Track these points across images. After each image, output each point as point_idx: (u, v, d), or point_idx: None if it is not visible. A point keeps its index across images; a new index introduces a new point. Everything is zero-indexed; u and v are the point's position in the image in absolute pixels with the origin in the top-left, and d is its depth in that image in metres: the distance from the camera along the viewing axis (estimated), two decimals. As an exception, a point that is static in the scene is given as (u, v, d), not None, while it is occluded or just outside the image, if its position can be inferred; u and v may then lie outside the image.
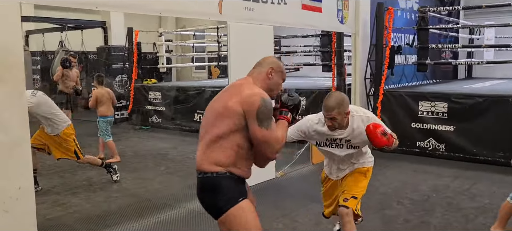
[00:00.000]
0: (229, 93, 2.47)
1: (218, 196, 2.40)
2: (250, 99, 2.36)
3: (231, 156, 2.39)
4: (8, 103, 3.27)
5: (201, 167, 2.45)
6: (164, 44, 11.07)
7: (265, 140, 2.37)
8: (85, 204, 5.04)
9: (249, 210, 2.41)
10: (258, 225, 2.42)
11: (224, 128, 2.38)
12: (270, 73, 2.54)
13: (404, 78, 9.03)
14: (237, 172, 2.42)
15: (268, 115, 2.38)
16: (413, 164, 6.56)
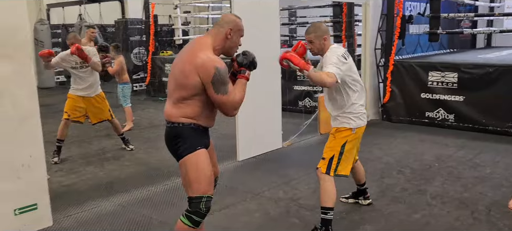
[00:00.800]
0: (189, 56, 2.68)
1: (180, 143, 2.72)
2: (205, 68, 2.59)
3: (196, 111, 2.71)
4: (17, 79, 3.48)
5: (169, 118, 2.76)
6: (179, 16, 11.18)
7: (223, 103, 2.67)
8: (99, 172, 5.31)
9: (203, 159, 2.72)
10: (207, 173, 2.72)
11: (186, 93, 2.67)
12: (229, 33, 2.74)
13: (419, 48, 8.95)
14: (202, 122, 2.75)
15: (223, 81, 2.62)
16: (420, 134, 6.60)
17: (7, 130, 3.45)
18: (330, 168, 3.40)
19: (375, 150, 5.93)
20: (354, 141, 3.50)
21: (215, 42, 2.73)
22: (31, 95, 3.59)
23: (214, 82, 2.60)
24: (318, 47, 3.38)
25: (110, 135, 7.13)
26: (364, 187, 4.04)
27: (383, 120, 7.61)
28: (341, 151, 3.41)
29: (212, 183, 2.79)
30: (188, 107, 2.71)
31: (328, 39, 3.38)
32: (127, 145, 6.23)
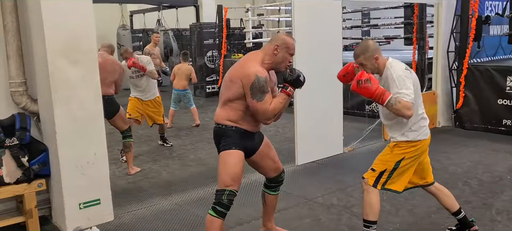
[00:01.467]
0: (238, 66, 3.03)
1: (221, 141, 3.06)
2: (247, 76, 2.90)
3: (238, 115, 3.01)
4: (84, 83, 3.78)
5: (217, 120, 3.10)
6: (250, 20, 11.38)
7: (255, 109, 2.93)
8: (162, 171, 5.58)
9: (234, 158, 3.00)
10: (233, 170, 2.99)
11: (231, 95, 2.99)
12: (276, 50, 2.98)
13: (500, 50, 8.33)
14: (244, 126, 3.03)
15: (260, 90, 2.88)
16: (494, 143, 6.16)
17: (74, 130, 3.76)
18: (378, 181, 3.21)
19: (443, 158, 5.63)
20: (413, 157, 3.19)
21: (265, 57, 3.01)
22: (96, 99, 3.87)
23: (252, 88, 2.89)
24: (371, 68, 3.09)
25: (178, 135, 7.47)
26: (462, 214, 3.47)
27: (455, 126, 7.19)
28: (395, 167, 3.18)
29: (237, 181, 3.03)
30: (232, 111, 3.02)
31: (380, 57, 3.10)
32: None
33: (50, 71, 3.58)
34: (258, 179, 5.08)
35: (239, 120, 3.02)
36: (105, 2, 11.30)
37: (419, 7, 7.35)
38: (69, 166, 3.76)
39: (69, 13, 3.64)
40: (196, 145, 6.80)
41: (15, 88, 3.91)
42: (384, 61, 3.12)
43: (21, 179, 3.83)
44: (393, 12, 11.56)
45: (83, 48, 3.74)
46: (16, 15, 3.82)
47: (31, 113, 4.01)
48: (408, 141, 3.15)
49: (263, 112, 2.92)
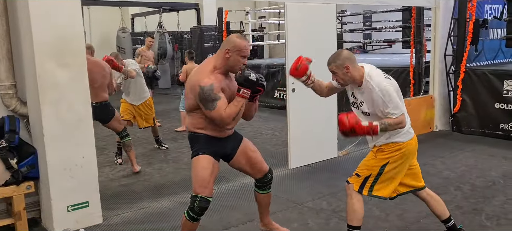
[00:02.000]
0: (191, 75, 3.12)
1: (192, 148, 3.16)
2: (193, 87, 2.97)
3: (201, 122, 3.06)
4: (73, 85, 3.79)
5: (187, 128, 3.21)
6: (250, 23, 11.39)
7: (211, 117, 2.96)
8: (155, 174, 5.58)
9: (201, 163, 3.06)
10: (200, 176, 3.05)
11: (190, 104, 3.05)
12: (227, 53, 2.99)
13: (501, 54, 8.28)
14: (209, 132, 3.07)
15: (207, 99, 2.90)
16: (491, 148, 6.11)
17: (62, 133, 3.77)
18: (363, 186, 3.16)
19: (438, 163, 5.59)
20: (398, 162, 3.12)
21: (217, 62, 3.03)
22: (85, 101, 3.88)
23: (200, 99, 2.94)
24: (343, 77, 3.06)
25: (175, 138, 7.47)
26: (451, 222, 3.40)
27: (453, 130, 7.14)
28: (379, 172, 3.12)
29: (206, 186, 3.04)
30: (195, 119, 3.08)
31: (351, 66, 3.02)
32: (161, 145, 6.76)
33: (37, 73, 3.60)
34: (248, 182, 5.08)
35: (204, 127, 3.07)
36: (105, 5, 11.37)
37: (416, 11, 7.32)
38: (57, 169, 3.77)
39: (58, 15, 3.65)
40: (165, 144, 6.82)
41: (4, 91, 3.93)
42: (360, 71, 3.04)
43: (10, 181, 3.84)
44: (394, 15, 11.52)
45: (71, 50, 3.76)
46: (6, 18, 3.84)
47: (21, 116, 4.03)
48: (394, 143, 3.08)
49: (219, 119, 2.93)
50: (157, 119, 7.20)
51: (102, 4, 11.20)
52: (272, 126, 8.23)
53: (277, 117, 8.89)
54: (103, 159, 6.21)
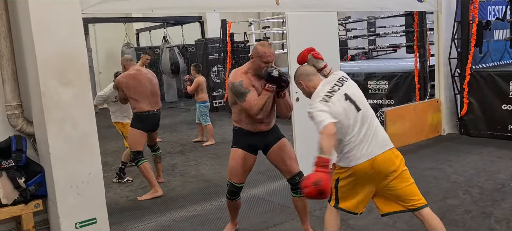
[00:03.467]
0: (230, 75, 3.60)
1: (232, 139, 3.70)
2: (228, 86, 3.53)
3: (238, 116, 3.57)
4: (77, 102, 3.82)
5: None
6: (253, 33, 11.43)
7: (244, 108, 3.44)
8: (163, 188, 5.58)
9: (233, 154, 3.63)
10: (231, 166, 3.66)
11: (230, 101, 3.58)
12: (252, 59, 3.48)
13: (506, 54, 8.23)
14: (243, 126, 3.55)
15: (237, 93, 3.43)
16: (500, 150, 6.05)
17: (68, 150, 3.80)
18: (331, 198, 3.08)
19: (446, 166, 5.56)
20: (348, 182, 2.98)
21: (248, 66, 3.54)
22: (90, 117, 3.91)
23: (234, 94, 3.48)
24: (302, 90, 3.12)
25: (182, 151, 7.50)
26: None
27: (461, 134, 7.09)
28: (335, 186, 3.03)
29: (235, 174, 3.64)
30: (234, 114, 3.61)
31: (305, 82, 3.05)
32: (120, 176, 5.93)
33: (42, 92, 3.63)
34: (256, 194, 5.10)
35: (239, 121, 3.56)
36: (109, 22, 11.49)
37: (418, 15, 7.31)
38: (63, 186, 3.80)
39: (60, 34, 3.69)
40: (199, 161, 6.81)
41: (11, 111, 3.98)
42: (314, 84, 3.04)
43: (18, 200, 3.89)
44: (398, 20, 11.52)
45: (75, 68, 3.79)
46: (10, 39, 3.90)
47: (27, 135, 4.08)
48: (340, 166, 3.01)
49: (249, 108, 3.38)
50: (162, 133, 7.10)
51: (106, 21, 11.31)
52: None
53: (284, 126, 8.81)
54: (111, 175, 6.24)
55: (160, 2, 4.39)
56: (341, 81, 3.02)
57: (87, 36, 12.82)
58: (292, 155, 3.71)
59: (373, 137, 2.92)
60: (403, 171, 2.98)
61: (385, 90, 7.95)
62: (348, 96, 2.94)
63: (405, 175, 3.00)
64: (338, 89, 2.95)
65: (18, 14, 3.90)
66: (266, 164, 6.40)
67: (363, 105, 2.98)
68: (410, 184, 3.00)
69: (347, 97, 2.93)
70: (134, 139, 5.16)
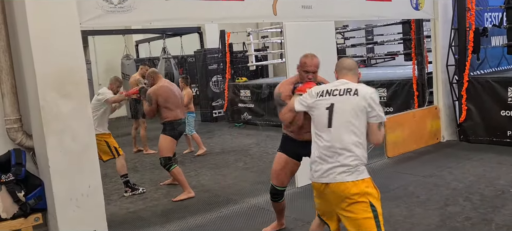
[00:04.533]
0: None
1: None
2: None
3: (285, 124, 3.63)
4: (76, 115, 3.84)
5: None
6: (252, 43, 11.48)
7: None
8: (163, 199, 5.59)
9: (276, 158, 3.91)
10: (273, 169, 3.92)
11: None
12: (297, 69, 3.62)
13: (504, 60, 8.25)
14: (288, 133, 3.76)
15: (276, 103, 3.63)
16: (500, 156, 6.05)
17: (68, 163, 3.80)
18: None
19: (446, 173, 5.55)
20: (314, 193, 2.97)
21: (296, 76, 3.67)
22: (89, 130, 3.93)
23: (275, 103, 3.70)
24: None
25: (183, 162, 7.49)
26: None
27: (460, 140, 7.09)
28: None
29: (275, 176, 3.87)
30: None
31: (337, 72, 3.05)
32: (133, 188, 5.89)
33: (41, 105, 3.65)
34: (256, 204, 5.09)
35: (287, 128, 3.72)
36: (109, 34, 11.53)
37: (415, 23, 7.35)
38: (63, 199, 3.80)
39: (59, 47, 3.72)
40: (199, 171, 6.81)
41: (10, 125, 3.99)
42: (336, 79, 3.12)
43: (18, 214, 3.89)
44: (396, 28, 11.55)
45: (73, 81, 3.81)
46: (9, 54, 3.92)
47: (27, 148, 4.08)
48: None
49: (281, 119, 3.50)
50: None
51: (106, 33, 11.36)
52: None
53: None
54: (112, 187, 6.24)
55: (159, 15, 4.41)
56: (347, 90, 2.84)
57: (86, 48, 12.92)
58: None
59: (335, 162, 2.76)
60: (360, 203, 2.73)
61: (384, 98, 7.97)
62: (332, 108, 2.83)
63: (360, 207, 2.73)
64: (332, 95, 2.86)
65: (17, 28, 3.92)
66: (266, 174, 6.44)
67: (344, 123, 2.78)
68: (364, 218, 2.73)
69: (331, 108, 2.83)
70: (167, 146, 5.43)
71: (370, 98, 2.77)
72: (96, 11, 3.97)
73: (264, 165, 6.86)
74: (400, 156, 6.55)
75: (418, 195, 4.85)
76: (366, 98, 2.77)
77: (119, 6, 4.12)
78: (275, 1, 5.15)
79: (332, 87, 2.91)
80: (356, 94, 2.80)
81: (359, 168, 2.76)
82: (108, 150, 5.73)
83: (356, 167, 2.75)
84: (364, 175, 2.78)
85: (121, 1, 4.15)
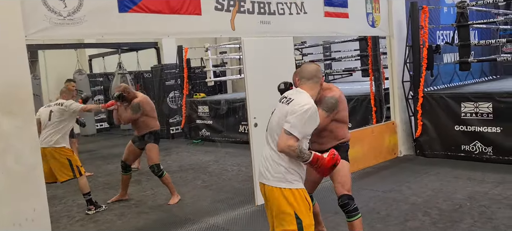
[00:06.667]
0: None
1: None
2: None
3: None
4: (20, 134, 3.56)
5: None
6: (210, 59, 11.35)
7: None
8: (117, 221, 5.31)
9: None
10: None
11: None
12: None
13: (456, 77, 8.52)
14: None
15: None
16: (456, 170, 6.17)
17: (10, 186, 3.51)
18: None
19: (404, 188, 5.59)
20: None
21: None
22: (34, 149, 3.66)
23: None
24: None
25: (139, 181, 7.20)
26: None
27: (416, 155, 7.21)
28: None
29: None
30: None
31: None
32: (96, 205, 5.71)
33: (-19, 124, 3.36)
34: (215, 223, 4.92)
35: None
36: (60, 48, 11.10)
37: (372, 40, 7.47)
38: (6, 224, 3.49)
39: (2, 62, 3.46)
40: (156, 190, 6.54)
41: None
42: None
43: (-46, 242, 3.54)
44: (353, 44, 11.75)
45: (17, 98, 3.55)
46: None
47: (-35, 170, 3.75)
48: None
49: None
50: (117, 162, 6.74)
51: (57, 47, 10.93)
52: (239, 161, 8.08)
53: (243, 151, 8.74)
54: (61, 209, 5.89)
55: (112, 28, 4.21)
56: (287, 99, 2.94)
57: (36, 63, 12.36)
58: (339, 179, 3.58)
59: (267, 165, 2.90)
60: (281, 214, 2.84)
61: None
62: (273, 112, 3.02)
63: (282, 218, 2.84)
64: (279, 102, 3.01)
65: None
66: (224, 191, 6.30)
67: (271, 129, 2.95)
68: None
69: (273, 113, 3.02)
70: (157, 153, 5.80)
71: (292, 109, 2.80)
72: (43, 23, 3.73)
73: (223, 183, 6.70)
74: (359, 172, 6.56)
75: (378, 211, 4.83)
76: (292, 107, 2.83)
77: (68, 18, 3.90)
78: (233, 16, 5.06)
79: (287, 94, 3.01)
80: (288, 103, 2.88)
81: (277, 175, 2.83)
82: (70, 168, 5.44)
83: (276, 174, 2.83)
84: (283, 184, 2.82)
85: (71, 13, 3.93)
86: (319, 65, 3.18)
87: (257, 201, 5.38)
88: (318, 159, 2.82)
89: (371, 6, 6.67)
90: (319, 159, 2.82)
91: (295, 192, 2.82)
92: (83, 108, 5.75)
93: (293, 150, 2.74)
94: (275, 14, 5.44)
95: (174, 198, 5.86)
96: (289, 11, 5.59)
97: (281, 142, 2.78)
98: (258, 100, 5.23)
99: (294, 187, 2.82)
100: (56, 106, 5.53)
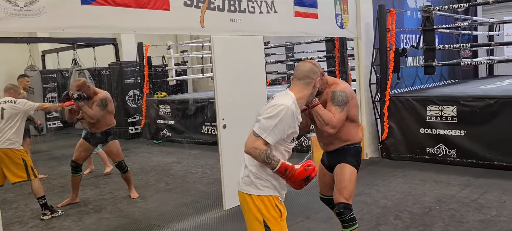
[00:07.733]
0: None
1: None
2: None
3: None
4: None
5: None
6: (172, 57, 11.03)
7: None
8: (75, 227, 4.97)
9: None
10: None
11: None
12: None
13: (417, 80, 8.66)
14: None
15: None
16: (422, 172, 6.21)
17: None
18: None
19: (373, 191, 5.55)
20: None
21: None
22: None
23: None
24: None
25: (97, 184, 6.84)
26: None
27: (383, 157, 7.23)
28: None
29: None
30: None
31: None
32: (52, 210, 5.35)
33: None
34: (184, 228, 4.68)
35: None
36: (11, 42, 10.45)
37: (339, 41, 7.44)
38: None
39: None
40: (116, 194, 6.21)
41: None
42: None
43: None
44: (317, 46, 11.74)
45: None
46: None
47: None
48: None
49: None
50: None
51: (7, 41, 10.25)
52: (203, 163, 7.84)
53: (207, 153, 8.53)
54: (12, 214, 5.48)
55: (73, 21, 3.90)
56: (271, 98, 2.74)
57: (-17, 57, 11.58)
58: (339, 184, 3.39)
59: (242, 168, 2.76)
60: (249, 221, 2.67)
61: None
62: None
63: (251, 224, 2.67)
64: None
65: None
66: (191, 194, 6.07)
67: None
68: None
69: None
70: (120, 149, 5.82)
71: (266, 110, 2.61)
72: (-4, 13, 3.39)
73: (187, 185, 6.45)
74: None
75: (350, 215, 4.74)
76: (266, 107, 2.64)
77: (25, 8, 3.58)
78: (203, 13, 4.85)
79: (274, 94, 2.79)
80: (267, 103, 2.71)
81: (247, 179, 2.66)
82: (24, 169, 5.05)
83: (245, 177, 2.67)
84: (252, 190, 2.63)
85: (28, 4, 3.61)
86: (316, 63, 2.85)
87: (225, 205, 5.19)
88: (286, 169, 2.52)
89: (340, 7, 6.62)
90: (287, 168, 2.52)
91: (265, 199, 2.60)
92: (39, 107, 5.38)
93: (258, 153, 2.52)
94: (245, 12, 5.26)
95: (134, 193, 5.97)
96: (259, 9, 5.43)
97: (248, 142, 2.59)
98: (228, 101, 5.04)
99: (263, 194, 2.60)
100: (7, 104, 5.11)
